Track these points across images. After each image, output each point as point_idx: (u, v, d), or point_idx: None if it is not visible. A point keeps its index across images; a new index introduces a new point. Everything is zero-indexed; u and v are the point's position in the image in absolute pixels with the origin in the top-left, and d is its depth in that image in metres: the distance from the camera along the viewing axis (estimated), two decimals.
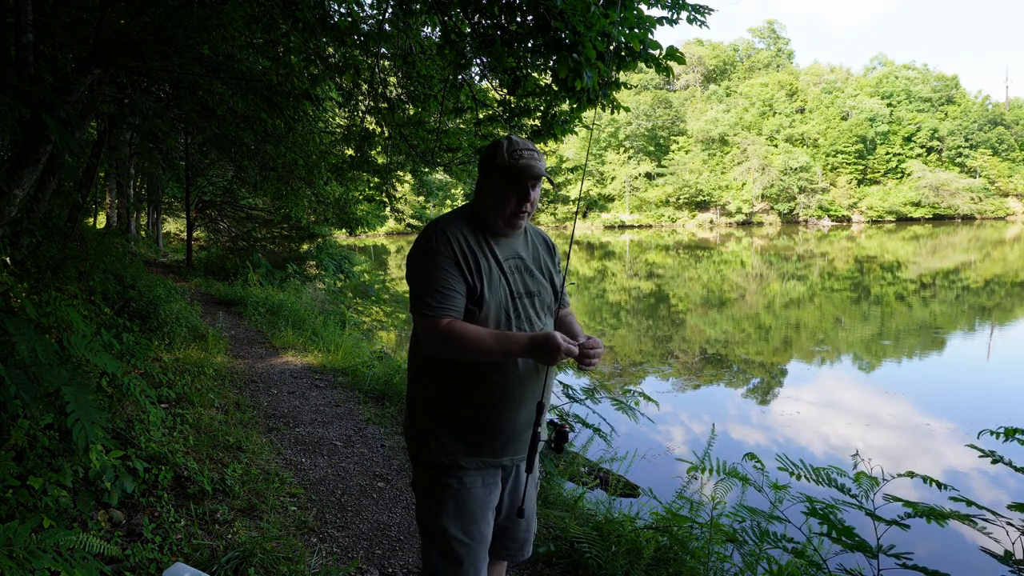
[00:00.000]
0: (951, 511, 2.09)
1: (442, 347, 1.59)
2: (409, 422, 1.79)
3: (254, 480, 3.44)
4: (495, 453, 1.71)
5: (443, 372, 1.67)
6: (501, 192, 1.69)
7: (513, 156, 1.67)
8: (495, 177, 1.69)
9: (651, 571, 2.65)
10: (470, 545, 1.69)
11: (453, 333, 1.57)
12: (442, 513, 1.68)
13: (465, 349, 1.58)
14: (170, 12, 4.28)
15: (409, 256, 1.69)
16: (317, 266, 16.29)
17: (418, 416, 1.74)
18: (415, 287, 1.63)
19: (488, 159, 1.72)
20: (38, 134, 3.54)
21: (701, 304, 16.63)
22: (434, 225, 1.68)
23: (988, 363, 9.60)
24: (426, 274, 1.61)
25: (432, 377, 1.70)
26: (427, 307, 1.59)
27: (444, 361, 1.64)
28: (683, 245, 41.83)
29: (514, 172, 1.67)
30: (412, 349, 1.77)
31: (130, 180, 16.37)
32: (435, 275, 1.60)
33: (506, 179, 1.68)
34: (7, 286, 3.16)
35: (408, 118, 6.68)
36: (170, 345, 6.20)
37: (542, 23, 3.30)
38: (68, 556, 1.93)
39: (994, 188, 61.11)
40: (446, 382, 1.68)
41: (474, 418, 1.67)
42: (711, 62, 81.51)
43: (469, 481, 1.69)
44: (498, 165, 1.68)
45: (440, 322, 1.58)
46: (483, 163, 1.74)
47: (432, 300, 1.59)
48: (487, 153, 1.74)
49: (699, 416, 7.11)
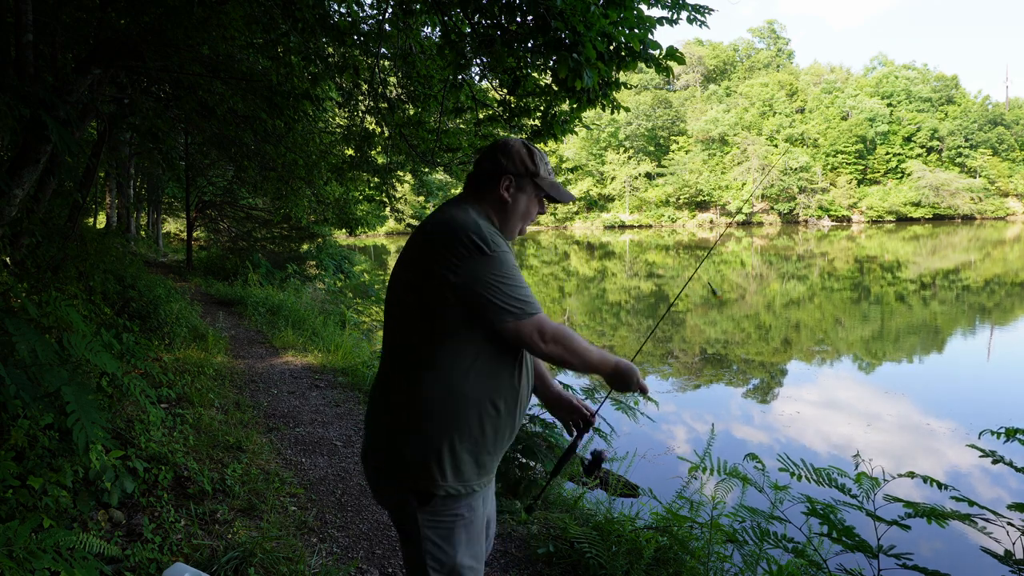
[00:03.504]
0: (952, 511, 2.09)
1: (554, 346, 1.45)
2: (405, 449, 1.45)
3: (254, 480, 3.44)
4: (497, 463, 1.58)
5: (482, 379, 1.45)
6: (531, 204, 1.62)
7: (550, 172, 1.62)
8: (530, 188, 1.60)
9: (651, 571, 2.64)
10: (479, 569, 1.55)
11: (565, 331, 1.46)
12: (456, 549, 1.48)
13: (574, 351, 1.47)
14: (170, 12, 4.27)
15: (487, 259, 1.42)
16: (317, 266, 16.30)
17: (427, 440, 1.44)
18: (509, 288, 1.42)
19: (524, 166, 1.59)
20: (38, 134, 3.53)
21: (701, 304, 16.63)
22: (477, 227, 1.44)
23: (988, 363, 9.59)
24: (515, 274, 1.44)
25: (465, 387, 1.44)
26: (532, 306, 1.44)
27: (483, 368, 1.45)
28: (683, 245, 41.83)
29: (555, 190, 1.63)
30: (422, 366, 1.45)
31: (130, 180, 16.36)
32: (519, 275, 1.46)
33: (542, 194, 1.62)
34: (7, 286, 3.16)
35: (408, 118, 6.68)
36: (170, 345, 6.20)
37: (542, 23, 3.30)
38: (68, 556, 1.93)
39: (994, 188, 61.10)
40: (483, 393, 1.45)
41: (497, 430, 1.50)
42: (711, 62, 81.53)
43: (476, 503, 1.52)
44: (541, 177, 1.60)
45: (548, 319, 1.46)
46: (516, 168, 1.58)
47: (532, 299, 1.45)
48: (520, 157, 1.60)
49: (699, 416, 7.11)
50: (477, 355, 1.44)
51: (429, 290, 1.42)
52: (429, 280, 1.42)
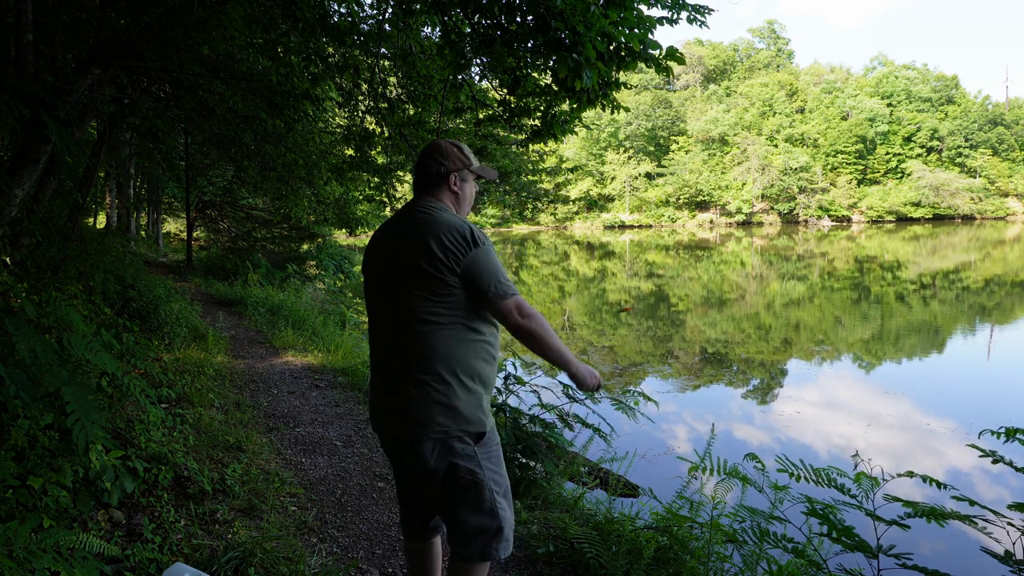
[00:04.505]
0: (951, 511, 2.09)
1: (532, 319, 1.78)
2: (456, 404, 1.77)
3: (254, 480, 3.44)
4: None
5: (482, 339, 1.82)
6: (471, 189, 1.99)
7: (475, 159, 1.97)
8: (469, 176, 1.96)
9: (651, 571, 2.64)
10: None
11: (538, 313, 1.82)
12: (503, 470, 1.89)
13: (546, 328, 1.81)
14: (170, 12, 4.27)
15: (478, 249, 1.76)
16: (317, 266, 16.30)
17: (468, 391, 1.79)
18: (496, 272, 1.76)
19: (461, 161, 1.93)
20: (38, 134, 3.54)
21: (701, 304, 16.63)
22: (469, 226, 1.79)
23: (988, 363, 9.59)
24: (497, 262, 1.80)
25: (478, 347, 1.81)
26: (513, 288, 1.79)
27: (483, 329, 1.81)
28: (683, 245, 41.83)
29: (485, 172, 2.01)
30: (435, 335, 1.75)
31: (130, 180, 16.37)
32: (500, 262, 1.82)
33: (476, 178, 2.00)
34: (7, 286, 3.16)
35: (408, 118, 6.68)
36: (170, 345, 6.20)
37: (542, 23, 3.30)
38: (68, 556, 1.93)
39: (994, 188, 61.08)
40: (486, 350, 1.83)
41: (494, 379, 1.91)
42: (711, 62, 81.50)
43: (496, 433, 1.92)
44: (473, 165, 1.96)
45: (524, 301, 1.82)
46: (456, 165, 1.92)
47: (511, 282, 1.80)
48: (455, 155, 1.93)
49: (699, 416, 7.11)
50: (483, 328, 1.82)
51: (445, 278, 1.72)
52: (443, 270, 1.72)
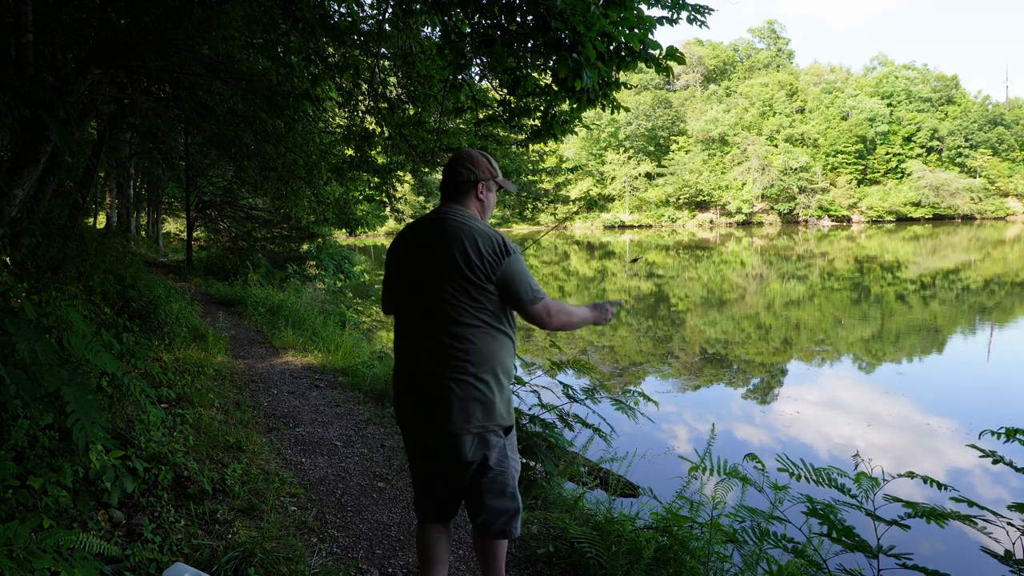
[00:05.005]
0: (951, 511, 2.09)
1: (559, 315, 1.98)
2: (494, 400, 1.92)
3: (254, 480, 3.44)
4: None
5: (509, 338, 1.98)
6: (494, 203, 2.10)
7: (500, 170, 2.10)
8: (493, 187, 2.07)
9: (651, 571, 2.64)
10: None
11: (562, 306, 2.01)
12: (518, 460, 2.06)
13: (571, 319, 2.03)
14: (170, 12, 4.27)
15: (511, 257, 1.90)
16: (317, 266, 16.30)
17: (502, 389, 1.95)
18: (528, 278, 1.93)
19: (489, 172, 2.04)
20: (38, 134, 3.54)
21: (701, 304, 16.63)
22: (496, 232, 1.95)
23: (989, 363, 9.59)
24: (527, 269, 1.95)
25: (507, 345, 1.97)
26: (542, 292, 1.96)
27: (509, 329, 1.97)
28: (683, 245, 41.83)
29: (507, 184, 2.12)
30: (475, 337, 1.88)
31: (130, 180, 16.37)
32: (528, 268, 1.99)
33: (499, 189, 2.12)
34: (7, 286, 3.16)
35: (408, 118, 6.67)
36: (170, 345, 6.20)
37: (542, 23, 3.29)
38: (68, 556, 1.93)
39: (994, 188, 61.05)
40: (512, 348, 1.99)
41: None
42: (711, 62, 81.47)
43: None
44: (499, 176, 2.07)
45: (551, 300, 2.00)
46: (484, 174, 2.03)
47: (539, 287, 1.96)
48: (485, 165, 2.03)
49: (699, 416, 7.11)
50: (508, 327, 1.97)
51: (483, 284, 1.86)
52: (481, 277, 1.86)
